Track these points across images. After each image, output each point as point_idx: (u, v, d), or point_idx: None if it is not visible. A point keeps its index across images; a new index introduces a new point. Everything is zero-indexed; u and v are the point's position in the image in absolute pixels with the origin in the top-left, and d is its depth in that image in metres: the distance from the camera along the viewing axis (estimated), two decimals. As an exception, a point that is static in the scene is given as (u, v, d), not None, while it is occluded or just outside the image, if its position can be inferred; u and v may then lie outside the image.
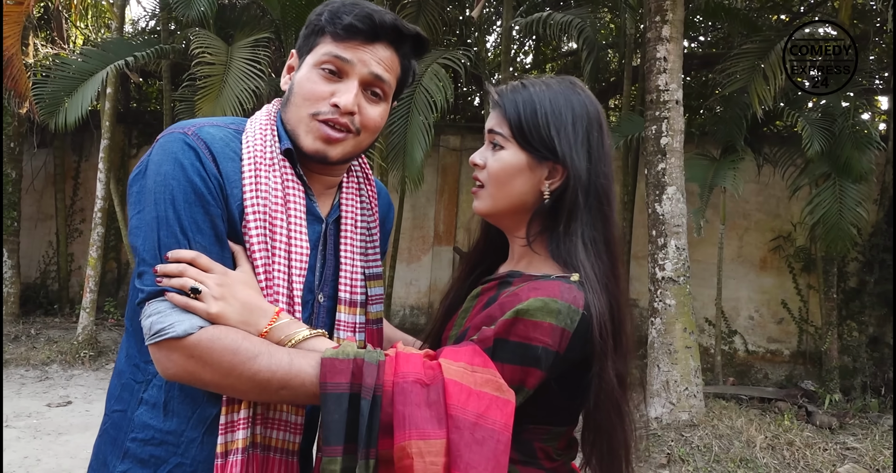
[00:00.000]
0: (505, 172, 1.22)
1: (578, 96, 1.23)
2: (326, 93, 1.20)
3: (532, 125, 1.20)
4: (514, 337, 1.07)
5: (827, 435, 5.32)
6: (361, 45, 1.20)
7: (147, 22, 10.34)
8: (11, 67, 7.61)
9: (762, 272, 7.82)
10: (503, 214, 1.26)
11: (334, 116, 1.19)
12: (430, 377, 1.04)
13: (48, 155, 9.74)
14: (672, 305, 5.35)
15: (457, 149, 8.89)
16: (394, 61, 1.25)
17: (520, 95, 1.23)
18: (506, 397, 1.04)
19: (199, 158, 1.14)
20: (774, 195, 7.76)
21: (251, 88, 6.60)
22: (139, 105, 10.85)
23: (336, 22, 1.20)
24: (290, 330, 1.12)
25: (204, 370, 1.06)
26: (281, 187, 1.21)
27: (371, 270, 1.36)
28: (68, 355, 7.00)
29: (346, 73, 1.20)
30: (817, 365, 7.36)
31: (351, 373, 1.03)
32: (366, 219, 1.38)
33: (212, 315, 1.07)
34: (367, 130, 1.24)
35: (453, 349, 1.09)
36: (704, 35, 10.06)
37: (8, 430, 5.03)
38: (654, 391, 5.32)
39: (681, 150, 5.52)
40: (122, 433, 1.19)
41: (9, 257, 8.32)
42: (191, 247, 1.10)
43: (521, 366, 1.07)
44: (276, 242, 1.18)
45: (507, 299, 1.13)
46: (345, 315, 1.29)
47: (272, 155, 1.22)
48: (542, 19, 7.09)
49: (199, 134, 1.17)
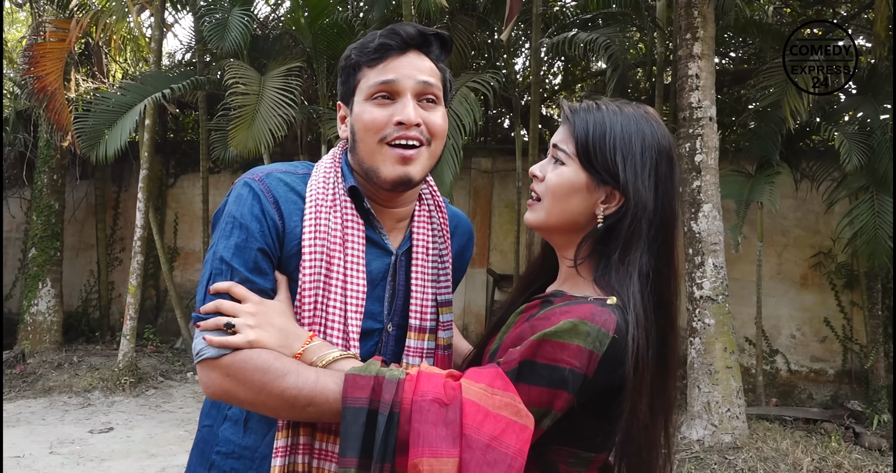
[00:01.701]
0: (562, 188, 1.21)
1: (651, 126, 1.22)
2: (387, 116, 1.24)
3: (598, 148, 1.19)
4: (541, 359, 1.06)
5: (876, 457, 5.15)
6: (397, 59, 1.25)
7: (183, 54, 10.61)
8: (54, 101, 7.87)
9: (803, 290, 7.65)
10: (554, 229, 1.26)
11: (402, 133, 1.23)
12: (450, 397, 1.05)
13: (89, 186, 9.99)
14: (711, 324, 5.26)
15: (488, 171, 8.90)
16: (430, 65, 1.29)
17: (592, 115, 1.23)
18: (523, 422, 1.03)
19: (260, 201, 1.23)
20: (813, 211, 7.62)
21: (283, 117, 6.71)
22: (176, 135, 11.10)
23: (365, 50, 1.26)
24: (322, 352, 1.17)
25: (238, 387, 1.13)
26: (340, 227, 1.27)
27: (442, 296, 1.38)
28: (109, 381, 7.10)
29: (397, 92, 1.24)
30: (863, 385, 7.16)
31: (371, 389, 1.06)
32: (437, 246, 1.41)
33: (251, 343, 1.14)
34: (435, 137, 1.28)
35: (476, 371, 1.10)
36: (736, 51, 9.99)
37: (52, 456, 5.11)
38: (696, 412, 5.22)
39: (716, 167, 5.47)
40: (209, 446, 1.30)
41: (52, 287, 8.51)
42: (232, 277, 1.19)
43: (549, 388, 1.06)
44: (333, 279, 1.24)
45: (538, 321, 1.13)
46: (414, 342, 1.33)
47: (334, 196, 1.29)
48: (568, 39, 7.12)
49: (265, 180, 1.27)
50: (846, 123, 6.77)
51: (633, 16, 8.01)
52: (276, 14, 9.92)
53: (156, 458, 5.17)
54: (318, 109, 7.77)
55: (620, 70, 7.07)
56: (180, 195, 10.06)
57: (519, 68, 10.76)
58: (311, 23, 7.45)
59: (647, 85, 9.49)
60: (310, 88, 8.66)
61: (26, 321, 8.35)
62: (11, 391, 6.97)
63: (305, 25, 7.50)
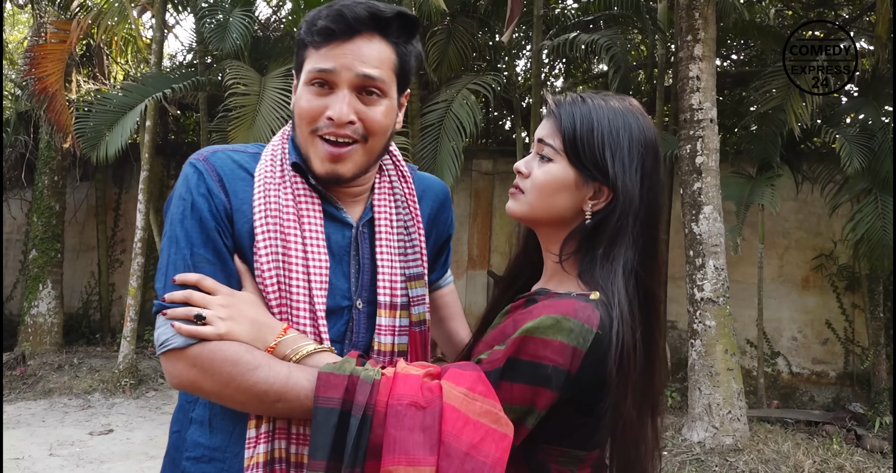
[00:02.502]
0: (550, 185, 1.18)
1: (637, 119, 1.20)
2: (321, 107, 1.17)
3: (587, 143, 1.16)
4: (525, 356, 1.04)
5: (878, 460, 5.14)
6: (340, 46, 1.16)
7: (184, 56, 10.63)
8: (55, 102, 7.86)
9: (804, 292, 7.64)
10: (539, 222, 1.24)
11: (332, 129, 1.17)
12: (428, 399, 1.02)
13: (90, 188, 9.98)
14: (712, 326, 5.25)
15: (489, 173, 8.90)
16: (383, 52, 1.19)
17: (578, 108, 1.19)
18: (503, 430, 1.01)
19: (204, 179, 1.18)
20: (815, 213, 7.60)
21: (283, 117, 6.70)
22: (177, 137, 11.09)
23: (311, 29, 1.18)
24: (297, 344, 1.13)
25: (205, 379, 1.09)
26: (293, 203, 1.21)
27: (411, 270, 1.32)
28: (109, 383, 7.10)
29: (335, 83, 1.17)
30: (865, 387, 7.14)
31: (344, 389, 1.03)
32: (402, 218, 1.34)
33: (222, 336, 1.10)
34: (373, 134, 1.20)
35: (458, 372, 1.06)
36: (737, 53, 9.98)
37: (52, 458, 5.10)
38: (696, 414, 5.21)
39: (716, 169, 5.46)
40: (179, 453, 1.25)
41: (52, 288, 8.51)
42: (194, 263, 1.14)
43: (531, 385, 1.04)
44: (292, 258, 1.18)
45: (520, 316, 1.11)
46: (385, 319, 1.26)
47: (283, 172, 1.23)
48: (569, 40, 7.12)
49: (209, 158, 1.22)
50: (847, 125, 6.77)
51: (635, 18, 8.01)
52: (278, 16, 9.92)
53: (155, 460, 5.16)
54: (318, 110, 7.75)
55: (622, 72, 7.06)
56: (181, 197, 10.03)
57: (520, 70, 10.76)
58: (311, 24, 7.44)
59: (647, 87, 9.48)
60: (310, 89, 8.64)
61: (27, 323, 8.34)
62: (11, 393, 6.96)
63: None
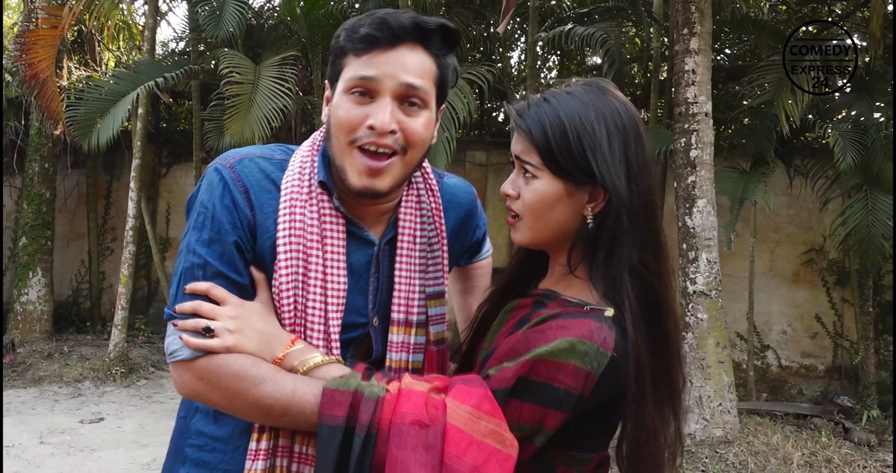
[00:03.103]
0: (542, 203, 1.13)
1: (609, 104, 1.13)
2: (361, 117, 1.13)
3: (564, 149, 1.10)
4: (536, 377, 1.03)
5: (866, 452, 5.19)
6: (383, 53, 1.13)
7: (177, 43, 10.54)
8: (46, 89, 7.78)
9: (794, 286, 7.69)
10: (545, 243, 1.20)
11: (373, 138, 1.13)
12: (431, 417, 1.00)
13: (81, 175, 9.91)
14: (704, 319, 5.27)
15: (482, 164, 8.89)
16: (426, 63, 1.16)
17: (544, 112, 1.12)
18: (507, 452, 1.00)
19: (231, 191, 1.16)
20: (806, 208, 7.65)
21: (279, 107, 6.67)
22: (169, 125, 11.02)
23: (353, 37, 1.15)
24: (304, 356, 1.12)
25: (212, 392, 1.10)
26: (318, 222, 1.19)
27: (431, 288, 1.29)
28: (100, 372, 7.08)
29: (377, 91, 1.13)
30: (853, 381, 7.21)
31: (349, 406, 1.02)
32: (426, 233, 1.31)
33: (229, 348, 1.09)
34: (413, 146, 1.17)
35: (464, 389, 1.04)
36: (731, 47, 10.00)
37: (42, 446, 5.09)
38: (687, 406, 5.24)
39: (711, 162, 5.47)
40: (183, 439, 1.26)
41: (42, 276, 8.46)
42: (207, 275, 1.13)
43: (542, 407, 1.03)
44: (311, 279, 1.18)
45: (533, 334, 1.08)
46: (397, 336, 1.25)
47: (310, 189, 1.21)
48: (565, 33, 7.10)
49: (236, 166, 1.19)
50: (840, 120, 6.80)
51: (630, 10, 8.01)
52: (272, 4, 9.85)
53: (147, 449, 5.16)
54: (312, 99, 7.74)
55: (617, 65, 7.06)
56: (173, 185, 10.00)
57: (514, 62, 10.74)
58: (306, 13, 7.42)
59: (642, 80, 9.49)
60: (304, 78, 8.61)
61: (16, 311, 8.30)
62: (1, 381, 6.94)
63: (301, 15, 7.47)
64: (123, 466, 4.78)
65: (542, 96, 1.16)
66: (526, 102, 1.18)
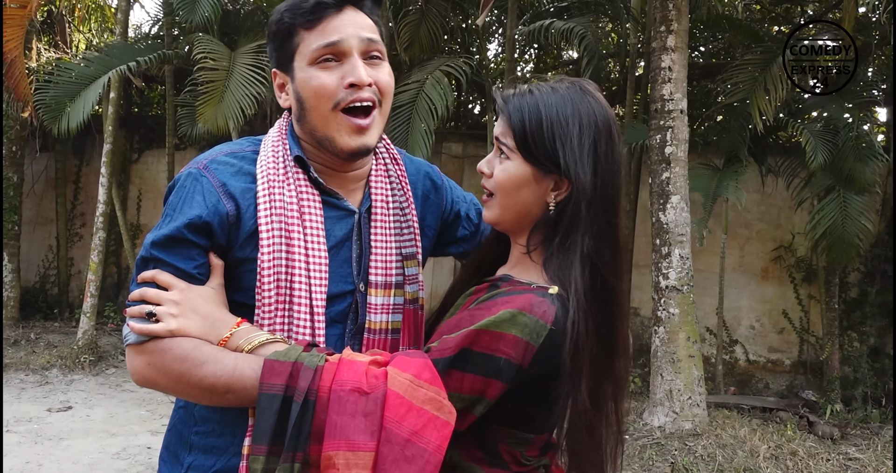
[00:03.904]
0: (511, 183, 1.20)
1: (588, 103, 1.19)
2: (337, 79, 1.19)
3: (537, 137, 1.17)
4: (478, 348, 1.06)
5: (829, 446, 5.31)
6: (336, 18, 1.20)
7: (150, 27, 10.36)
8: (14, 70, 7.61)
9: (763, 282, 7.82)
10: (511, 222, 1.24)
11: (355, 95, 1.19)
12: (372, 385, 1.03)
13: (49, 159, 9.71)
14: (675, 314, 5.35)
15: (458, 156, 8.90)
16: (369, 21, 1.24)
17: (526, 102, 1.20)
18: (445, 418, 1.02)
19: (202, 190, 1.19)
20: (776, 205, 7.77)
21: (253, 94, 6.60)
22: (141, 110, 10.85)
23: (300, 11, 1.20)
24: (248, 335, 1.16)
25: (159, 376, 1.13)
26: (296, 199, 1.23)
27: (407, 249, 1.35)
28: (68, 360, 6.97)
29: (343, 53, 1.20)
30: (818, 375, 7.37)
31: (288, 375, 1.04)
32: (397, 199, 1.37)
33: (172, 332, 1.12)
34: (385, 96, 1.25)
35: (405, 359, 1.07)
36: (706, 45, 10.10)
37: (9, 435, 5.00)
38: (658, 400, 5.32)
39: (685, 159, 5.54)
40: (186, 427, 1.28)
41: (9, 261, 8.30)
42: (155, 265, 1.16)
43: (483, 377, 1.06)
44: (295, 255, 1.21)
45: (477, 311, 1.12)
46: (376, 298, 1.29)
47: (285, 169, 1.25)
48: (543, 27, 7.12)
49: (209, 166, 1.23)
50: (812, 120, 6.91)
51: (607, 6, 8.04)
52: (248, -11, 9.71)
53: (116, 438, 5.11)
54: (288, 88, 7.65)
55: (594, 60, 7.09)
56: (144, 171, 9.85)
57: (492, 55, 10.74)
58: (283, 0, 7.32)
59: (618, 76, 9.55)
60: (280, 66, 8.51)
61: (-19, 296, 8.14)
62: (-35, 368, 6.80)
63: (278, 1, 7.37)
64: (93, 455, 4.73)
65: (528, 88, 1.23)
66: (513, 90, 1.24)
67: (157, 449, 4.92)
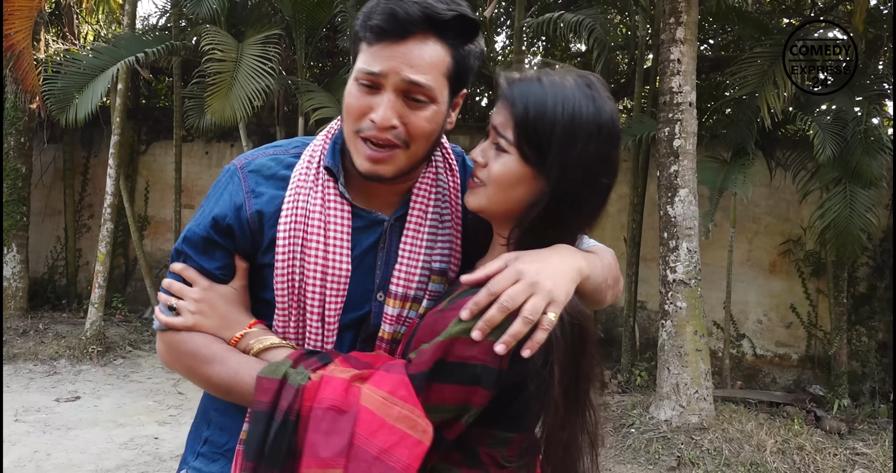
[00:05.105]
0: (507, 178, 1.15)
1: (593, 102, 1.13)
2: (366, 107, 1.14)
3: (541, 136, 1.11)
4: (452, 358, 1.04)
5: (836, 441, 5.30)
6: (391, 47, 1.10)
7: (158, 18, 10.36)
8: (22, 61, 7.62)
9: (771, 276, 7.78)
10: (495, 214, 1.21)
11: (373, 132, 1.13)
12: (349, 403, 1.02)
13: (57, 150, 9.74)
14: (683, 308, 5.33)
15: (466, 149, 8.87)
16: (436, 55, 1.13)
17: (533, 93, 1.13)
18: (418, 437, 1.00)
19: (234, 190, 1.23)
20: (784, 199, 7.72)
21: (261, 86, 6.59)
22: (149, 102, 10.86)
23: (366, 25, 1.12)
24: (256, 338, 1.20)
25: (174, 364, 1.24)
26: (321, 209, 1.22)
27: (438, 264, 1.29)
28: (76, 350, 7.01)
29: (380, 85, 1.12)
30: (826, 370, 7.33)
31: (274, 393, 1.05)
32: (438, 210, 1.31)
33: (189, 327, 1.20)
34: (416, 139, 1.16)
35: (382, 375, 1.06)
36: (715, 38, 10.03)
37: (18, 424, 5.04)
38: (664, 393, 5.31)
39: (693, 152, 5.51)
40: (211, 402, 1.34)
41: (17, 252, 8.33)
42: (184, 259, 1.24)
43: (463, 386, 1.04)
44: (309, 265, 1.21)
45: (450, 312, 1.10)
46: (392, 309, 1.26)
47: (317, 176, 1.24)
48: (552, 19, 7.08)
49: (245, 167, 1.26)
50: (821, 113, 6.85)
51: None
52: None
53: (124, 428, 5.14)
54: (295, 79, 7.65)
55: (603, 53, 7.05)
56: (152, 163, 9.87)
57: (500, 47, 10.70)
58: (291, -9, 7.31)
59: (626, 68, 9.50)
60: (288, 57, 8.51)
61: (-10, 287, 8.18)
62: (-26, 358, 6.85)
63: (285, -7, 7.36)
64: (100, 445, 4.75)
65: (537, 76, 1.16)
66: (519, 74, 1.18)
67: (164, 440, 4.95)
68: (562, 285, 1.08)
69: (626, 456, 4.84)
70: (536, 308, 1.04)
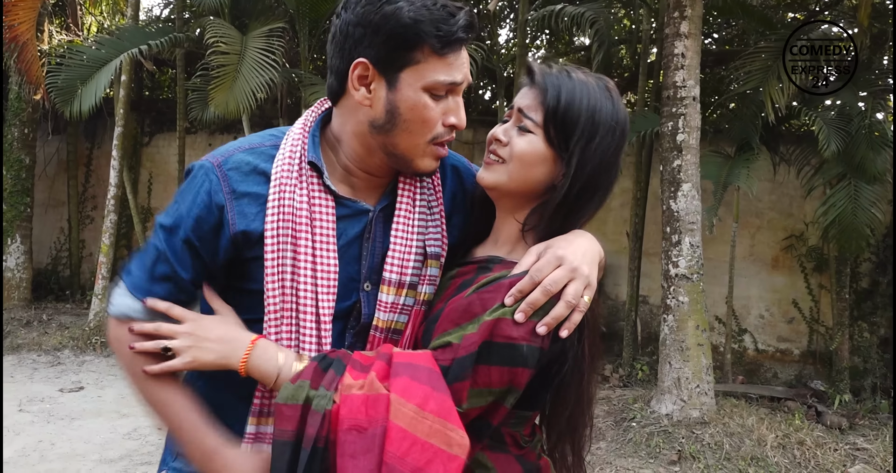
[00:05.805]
0: (530, 156, 1.19)
1: (611, 101, 1.21)
2: (440, 115, 1.18)
3: (566, 123, 1.17)
4: (499, 338, 1.06)
5: (837, 436, 5.31)
6: (459, 54, 1.16)
7: (161, 10, 10.36)
8: (26, 52, 7.63)
9: (774, 271, 7.79)
10: (511, 193, 1.23)
11: (451, 135, 1.21)
12: (371, 419, 0.99)
13: (61, 142, 9.76)
14: (685, 302, 5.33)
15: (469, 142, 8.88)
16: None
17: (564, 84, 1.19)
18: (453, 452, 0.98)
19: (210, 190, 1.19)
20: (788, 194, 7.72)
21: (265, 79, 6.59)
22: (152, 93, 10.86)
23: (438, 33, 1.11)
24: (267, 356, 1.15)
25: (121, 367, 1.25)
26: (307, 205, 1.20)
27: (432, 248, 1.30)
28: (80, 341, 7.04)
29: (456, 92, 1.19)
30: (827, 365, 7.34)
31: (297, 420, 1.02)
32: (426, 197, 1.33)
33: (188, 365, 1.15)
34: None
35: (409, 384, 1.03)
36: (720, 32, 10.00)
37: (22, 414, 5.07)
38: (666, 387, 5.32)
39: (697, 147, 5.50)
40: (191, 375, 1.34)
41: (21, 243, 8.36)
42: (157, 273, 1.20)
43: (510, 367, 1.06)
44: (301, 262, 1.19)
45: (488, 294, 1.12)
46: (387, 296, 1.25)
47: (300, 171, 1.21)
48: (555, 12, 7.06)
49: (222, 165, 1.21)
50: (825, 108, 6.83)
51: (621, -9, 7.97)
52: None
53: (127, 418, 5.16)
54: (299, 72, 7.65)
55: (606, 46, 7.04)
56: (155, 155, 9.88)
57: (503, 40, 10.68)
58: (294, -17, 7.31)
59: (630, 62, 9.48)
60: (291, 50, 8.51)
61: (-6, 278, 8.21)
62: (-22, 348, 6.88)
63: (287, -14, 7.35)
64: (104, 435, 4.78)
65: (566, 69, 1.23)
66: (551, 65, 1.24)
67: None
68: (594, 269, 1.15)
69: (627, 450, 4.85)
70: (577, 292, 1.10)
